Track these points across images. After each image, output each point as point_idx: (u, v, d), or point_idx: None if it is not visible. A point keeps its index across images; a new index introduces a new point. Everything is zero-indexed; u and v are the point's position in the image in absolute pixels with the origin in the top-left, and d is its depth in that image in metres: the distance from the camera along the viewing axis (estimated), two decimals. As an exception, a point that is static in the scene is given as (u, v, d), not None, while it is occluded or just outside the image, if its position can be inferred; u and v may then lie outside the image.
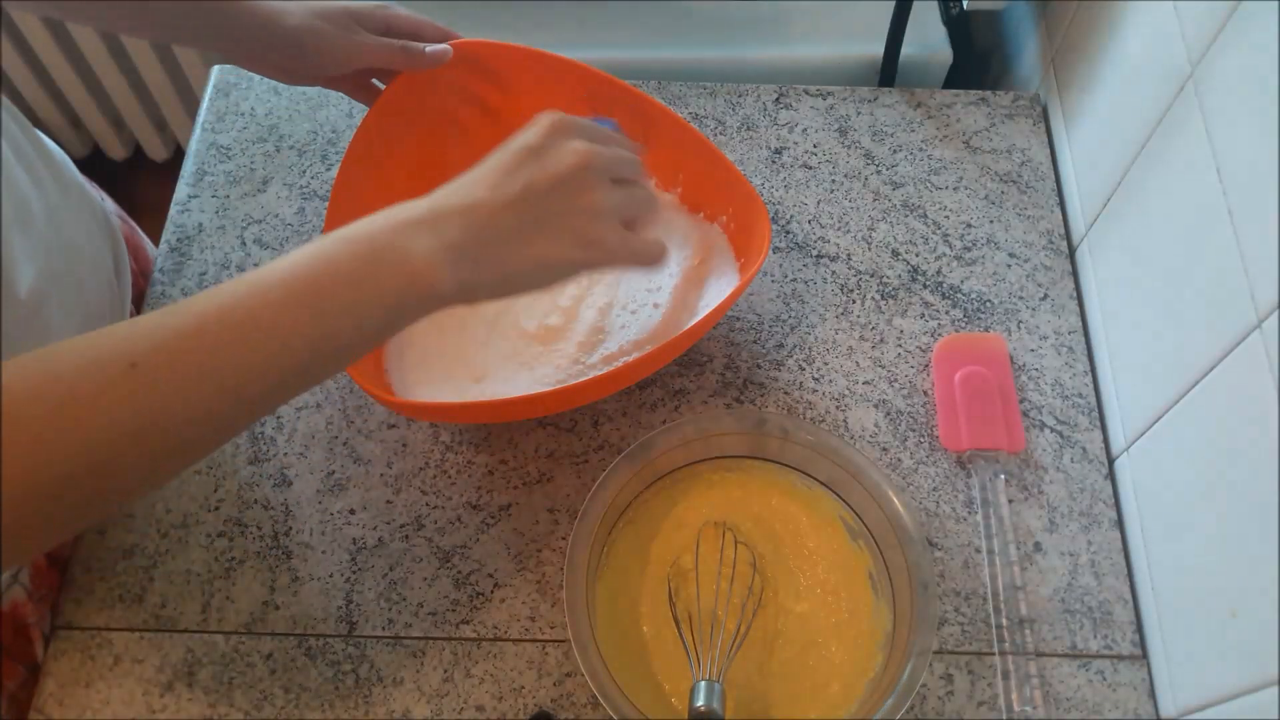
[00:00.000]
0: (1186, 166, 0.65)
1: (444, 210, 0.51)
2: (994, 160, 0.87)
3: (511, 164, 0.54)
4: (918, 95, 0.91)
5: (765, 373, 0.77)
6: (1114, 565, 0.70)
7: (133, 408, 0.42)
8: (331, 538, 0.71)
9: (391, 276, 0.48)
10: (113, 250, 0.76)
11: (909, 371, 0.77)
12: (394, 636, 0.68)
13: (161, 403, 0.43)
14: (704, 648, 0.64)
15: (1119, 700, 0.66)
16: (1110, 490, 0.73)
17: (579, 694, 0.66)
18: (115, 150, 1.68)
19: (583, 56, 0.76)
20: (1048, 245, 0.83)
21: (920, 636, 0.61)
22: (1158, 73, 0.69)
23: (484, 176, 0.53)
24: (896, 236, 0.83)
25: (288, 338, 0.46)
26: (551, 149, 0.55)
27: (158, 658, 0.67)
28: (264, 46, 0.68)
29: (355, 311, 0.48)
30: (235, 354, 0.45)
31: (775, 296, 0.80)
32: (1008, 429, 0.74)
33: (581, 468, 0.73)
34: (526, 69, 0.76)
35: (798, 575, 0.68)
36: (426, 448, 0.74)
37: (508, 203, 0.52)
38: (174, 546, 0.71)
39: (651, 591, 0.67)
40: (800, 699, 0.64)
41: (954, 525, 0.72)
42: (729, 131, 0.89)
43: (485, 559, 0.70)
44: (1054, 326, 0.79)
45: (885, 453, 0.74)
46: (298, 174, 0.86)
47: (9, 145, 0.63)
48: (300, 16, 0.68)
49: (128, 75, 1.51)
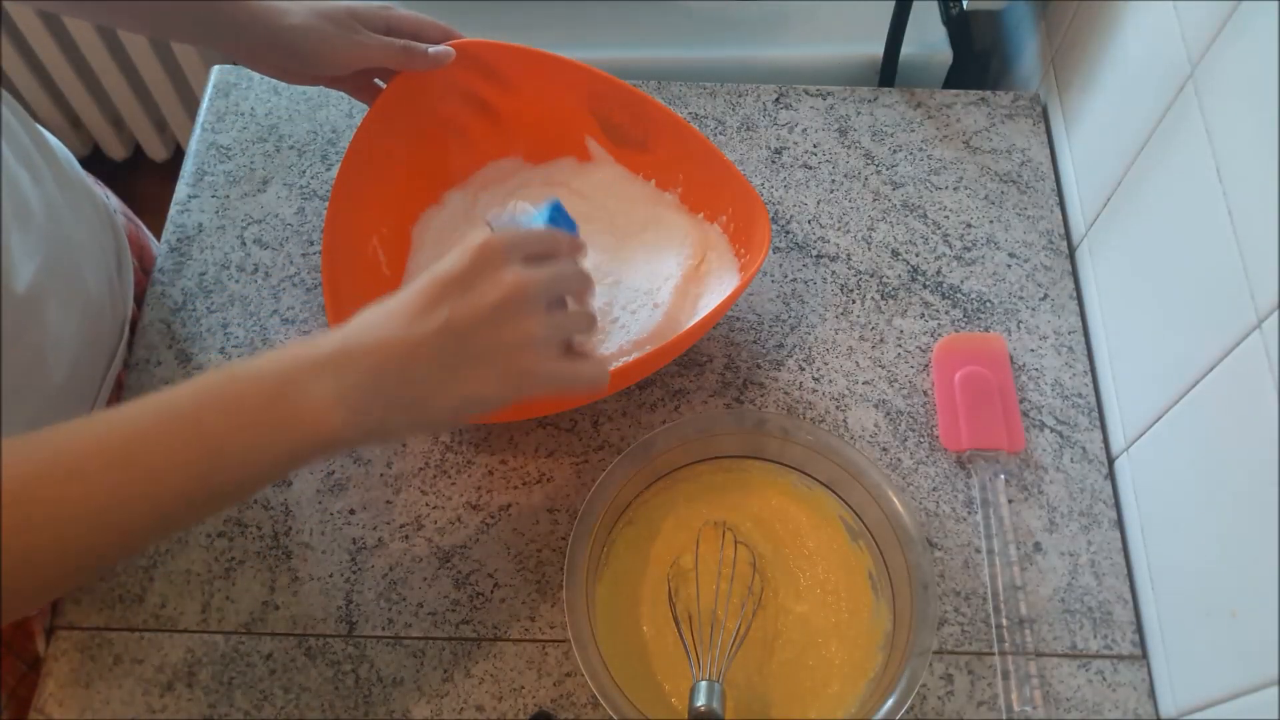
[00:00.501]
0: (1186, 166, 0.65)
1: (351, 350, 0.48)
2: (994, 160, 0.87)
3: (432, 296, 0.49)
4: (918, 95, 0.91)
5: (765, 373, 0.77)
6: (1114, 565, 0.70)
7: (15, 539, 0.42)
8: (331, 538, 0.71)
9: (286, 422, 0.46)
10: (115, 247, 0.76)
11: (909, 371, 0.77)
12: (394, 636, 0.68)
13: (38, 539, 0.42)
14: (704, 648, 0.64)
15: (1119, 700, 0.66)
16: (1110, 490, 0.73)
17: (579, 694, 0.66)
18: (115, 150, 1.67)
19: (583, 56, 0.76)
20: (1048, 245, 0.83)
21: (920, 637, 0.61)
22: (1158, 73, 0.69)
23: (401, 309, 0.49)
24: (896, 236, 0.83)
25: (167, 479, 0.44)
26: (478, 279, 0.50)
27: (158, 658, 0.67)
28: (265, 46, 0.68)
29: (246, 457, 0.46)
30: (111, 495, 0.44)
31: (775, 296, 0.80)
32: (1008, 429, 0.74)
33: (581, 468, 0.73)
34: (527, 69, 0.76)
35: (798, 575, 0.68)
36: (426, 448, 0.74)
37: (423, 340, 0.48)
38: (174, 546, 0.71)
39: (651, 591, 0.67)
40: (800, 699, 0.64)
41: (954, 525, 0.72)
42: (729, 131, 0.89)
43: (485, 559, 0.70)
44: (1054, 326, 0.79)
45: (885, 453, 0.74)
46: (297, 174, 0.86)
47: (8, 142, 0.63)
48: (302, 16, 0.68)
49: (127, 75, 1.51)
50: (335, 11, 0.69)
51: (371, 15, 0.70)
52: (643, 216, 0.78)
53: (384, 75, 0.75)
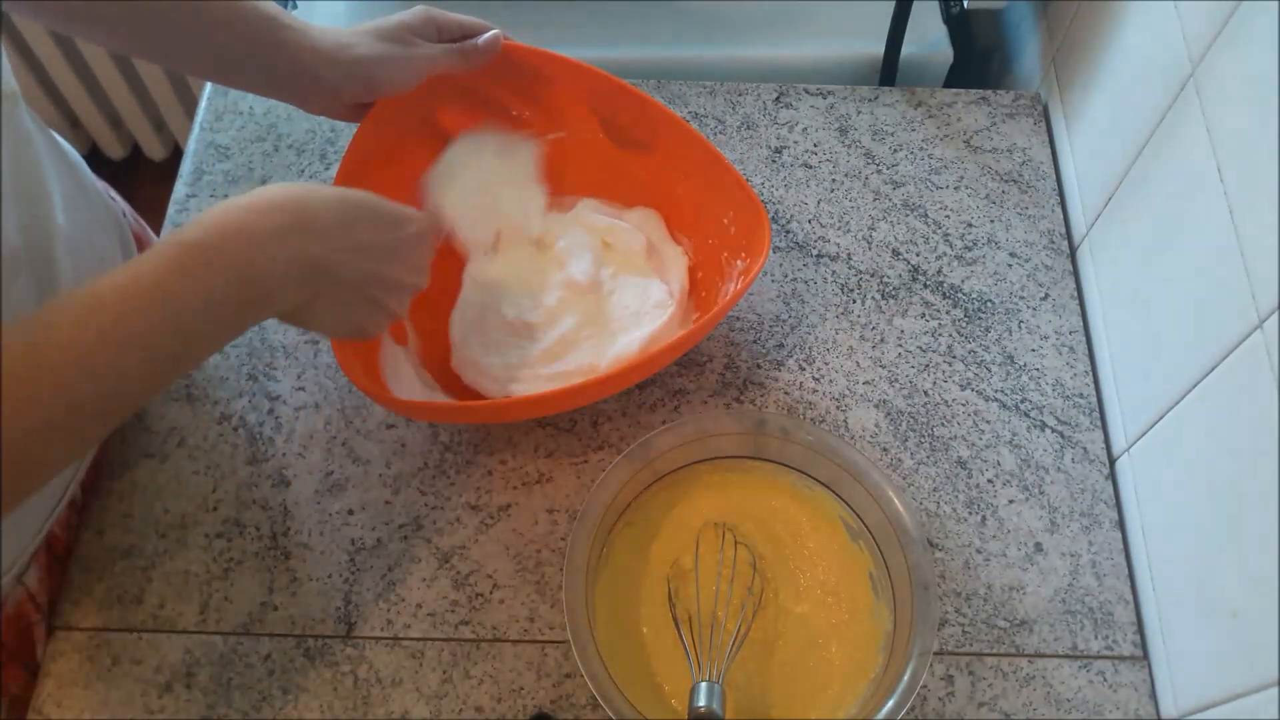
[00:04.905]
0: (1187, 166, 0.65)
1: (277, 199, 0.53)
2: (995, 160, 0.87)
3: None
4: (918, 94, 0.91)
5: (765, 373, 0.77)
6: (1115, 566, 0.70)
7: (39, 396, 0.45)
8: (330, 538, 0.71)
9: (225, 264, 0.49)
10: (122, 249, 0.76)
11: (910, 371, 0.77)
12: (393, 637, 0.68)
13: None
14: (704, 648, 0.64)
15: (1120, 701, 0.66)
16: (1111, 490, 0.73)
17: (578, 695, 0.66)
18: (114, 150, 1.67)
19: (583, 56, 0.76)
20: (1048, 245, 0.83)
21: (921, 637, 0.61)
22: (1159, 72, 0.69)
23: None
24: (897, 236, 0.83)
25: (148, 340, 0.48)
26: None
27: (156, 658, 0.67)
28: (334, 85, 0.66)
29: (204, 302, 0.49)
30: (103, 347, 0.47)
31: (775, 296, 0.80)
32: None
33: (581, 468, 0.73)
34: (528, 68, 0.76)
35: (798, 576, 0.68)
36: (425, 448, 0.74)
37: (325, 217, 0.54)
38: (172, 547, 0.70)
39: (651, 592, 0.67)
40: (800, 700, 0.64)
41: (954, 526, 0.72)
42: (729, 131, 0.88)
43: (484, 559, 0.70)
44: (1055, 326, 0.79)
45: (886, 453, 0.74)
46: (296, 173, 0.86)
47: (39, 149, 0.63)
48: (366, 44, 0.66)
49: (126, 74, 1.51)
50: (392, 30, 0.67)
51: (422, 24, 0.68)
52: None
53: None
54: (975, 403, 0.76)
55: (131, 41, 0.64)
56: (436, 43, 0.69)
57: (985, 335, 0.79)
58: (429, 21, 0.69)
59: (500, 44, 0.71)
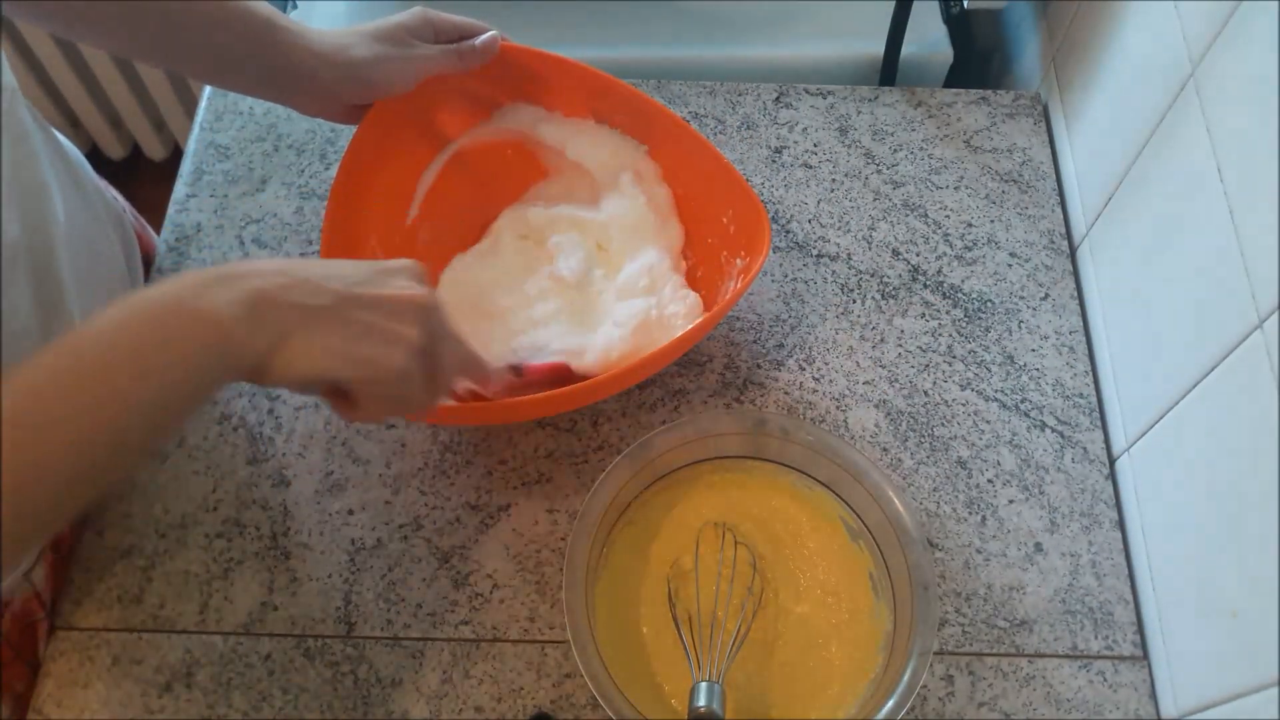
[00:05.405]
0: (1187, 166, 0.65)
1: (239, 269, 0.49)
2: (995, 159, 0.87)
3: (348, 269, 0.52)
4: (918, 94, 0.91)
5: (765, 373, 0.77)
6: (1115, 566, 0.70)
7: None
8: (330, 538, 0.71)
9: (187, 329, 0.46)
10: (124, 248, 0.76)
11: (910, 371, 0.77)
12: (393, 637, 0.68)
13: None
14: (704, 648, 0.64)
15: (1120, 701, 0.66)
16: (1111, 491, 0.73)
17: (578, 695, 0.66)
18: (114, 150, 1.67)
19: (583, 56, 0.76)
20: (1049, 245, 0.83)
21: (921, 637, 0.61)
22: (1159, 72, 0.69)
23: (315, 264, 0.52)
24: (897, 236, 0.83)
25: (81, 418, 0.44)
26: (393, 279, 0.53)
27: (156, 658, 0.67)
28: (332, 86, 0.65)
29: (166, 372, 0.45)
30: None
31: (775, 296, 0.80)
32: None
33: (581, 468, 0.73)
34: (525, 69, 0.76)
35: (798, 576, 0.68)
36: (425, 448, 0.74)
37: (312, 281, 0.50)
38: (172, 547, 0.70)
39: (651, 592, 0.67)
40: (800, 700, 0.64)
41: (954, 526, 0.72)
42: (729, 131, 0.88)
43: (484, 559, 0.70)
44: (1055, 326, 0.79)
45: (886, 453, 0.74)
46: (296, 173, 0.86)
47: (41, 150, 0.63)
48: (365, 46, 0.66)
49: (126, 74, 1.51)
50: (390, 31, 0.67)
51: (419, 25, 0.68)
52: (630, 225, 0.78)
53: None
54: (975, 403, 0.76)
55: (130, 42, 0.64)
56: (434, 44, 0.69)
57: (985, 335, 0.79)
58: (426, 23, 0.69)
59: (498, 45, 0.71)
